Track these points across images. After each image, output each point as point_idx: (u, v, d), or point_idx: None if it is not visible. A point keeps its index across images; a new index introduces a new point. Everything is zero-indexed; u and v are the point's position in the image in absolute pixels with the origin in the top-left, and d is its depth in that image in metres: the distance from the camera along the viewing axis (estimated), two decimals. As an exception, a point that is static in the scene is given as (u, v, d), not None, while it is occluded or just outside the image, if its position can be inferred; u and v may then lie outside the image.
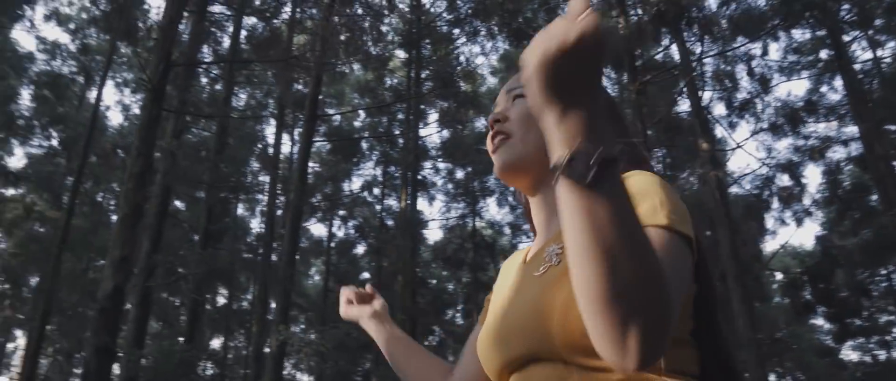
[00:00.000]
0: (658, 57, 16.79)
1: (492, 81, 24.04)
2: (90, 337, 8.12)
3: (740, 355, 11.40)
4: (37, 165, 20.50)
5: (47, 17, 20.83)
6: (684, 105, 16.16)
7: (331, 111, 24.80)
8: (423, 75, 20.30)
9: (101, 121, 22.18)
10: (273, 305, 13.22)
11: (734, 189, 18.56)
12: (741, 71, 17.71)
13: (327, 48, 12.28)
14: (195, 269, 12.51)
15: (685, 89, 14.17)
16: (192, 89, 16.98)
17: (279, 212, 17.70)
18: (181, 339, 14.30)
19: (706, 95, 16.93)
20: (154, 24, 10.80)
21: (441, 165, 25.09)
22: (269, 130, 24.25)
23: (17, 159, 24.65)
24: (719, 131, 18.91)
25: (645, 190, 0.87)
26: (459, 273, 23.83)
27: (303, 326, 28.51)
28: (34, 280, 19.74)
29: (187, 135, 18.24)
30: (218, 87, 18.69)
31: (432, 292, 22.12)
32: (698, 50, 14.79)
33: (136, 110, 22.28)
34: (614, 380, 0.82)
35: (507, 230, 23.72)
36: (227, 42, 17.69)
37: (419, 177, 21.56)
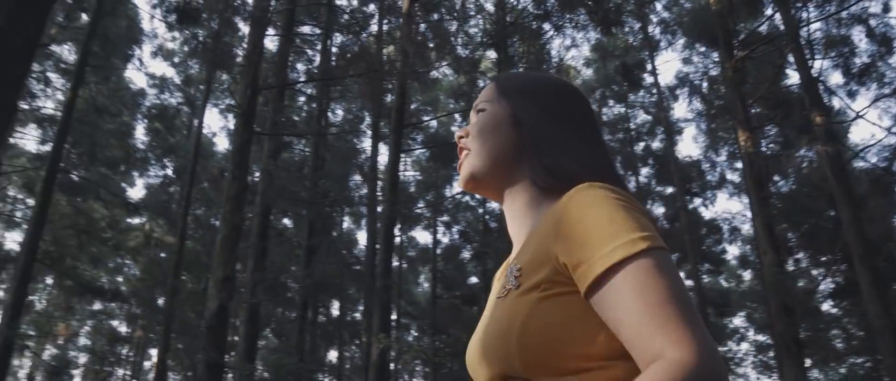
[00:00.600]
0: (762, 28, 16.06)
1: (587, 72, 23.78)
2: (201, 353, 8.72)
3: (876, 342, 10.73)
4: (154, 194, 22.10)
5: (154, 54, 22.36)
6: (795, 77, 15.41)
7: (426, 118, 25.22)
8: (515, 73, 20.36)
9: (207, 147, 23.61)
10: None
11: (858, 163, 17.45)
12: (859, 33, 16.63)
13: (410, 56, 12.56)
14: (300, 283, 13.09)
15: (792, 60, 13.48)
16: (285, 110, 17.81)
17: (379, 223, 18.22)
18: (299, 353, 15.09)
19: (817, 64, 16.05)
20: (241, 52, 11.44)
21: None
22: (369, 143, 25.02)
23: (137, 190, 26.58)
24: (836, 102, 17.85)
25: (599, 217, 0.88)
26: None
27: (415, 334, 29.10)
28: (161, 301, 21.30)
29: (286, 154, 19.16)
30: (314, 104, 19.51)
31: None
32: (806, 15, 14.00)
33: (240, 134, 23.51)
34: None
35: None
36: (320, 59, 18.49)
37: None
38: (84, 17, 19.53)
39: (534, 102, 1.09)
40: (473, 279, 27.49)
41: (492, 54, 21.54)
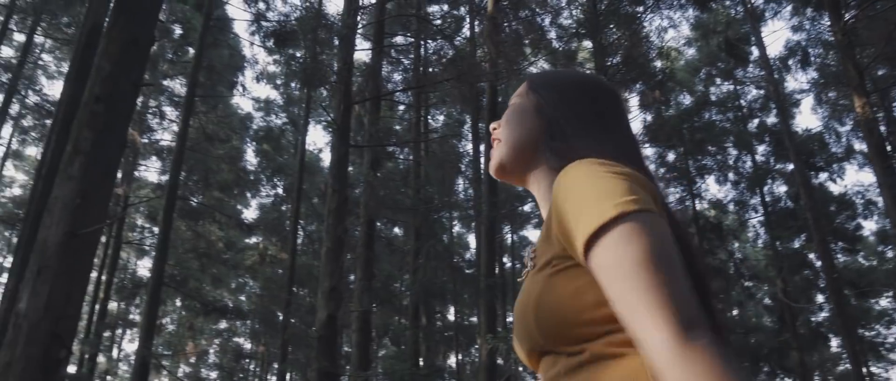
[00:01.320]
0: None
1: (690, 52, 23.11)
2: (314, 363, 9.23)
3: None
4: (266, 213, 23.32)
5: (257, 79, 23.61)
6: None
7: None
8: (613, 61, 20.09)
9: (314, 163, 24.65)
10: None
11: None
12: None
13: (498, 56, 12.73)
14: (409, 289, 13.50)
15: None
16: (381, 120, 18.37)
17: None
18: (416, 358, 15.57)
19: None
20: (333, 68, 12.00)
21: (649, 151, 24.52)
22: (472, 146, 25.30)
23: (252, 210, 28.11)
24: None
25: (575, 189, 0.94)
26: (687, 261, 22.96)
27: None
28: (280, 316, 22.46)
29: (390, 163, 19.75)
30: (415, 112, 19.99)
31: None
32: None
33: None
34: (584, 358, 0.93)
35: (733, 208, 22.47)
36: (415, 67, 18.93)
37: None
38: (191, 50, 20.93)
39: (556, 93, 1.18)
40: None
41: (588, 44, 21.37)
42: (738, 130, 20.03)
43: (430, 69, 18.65)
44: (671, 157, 22.96)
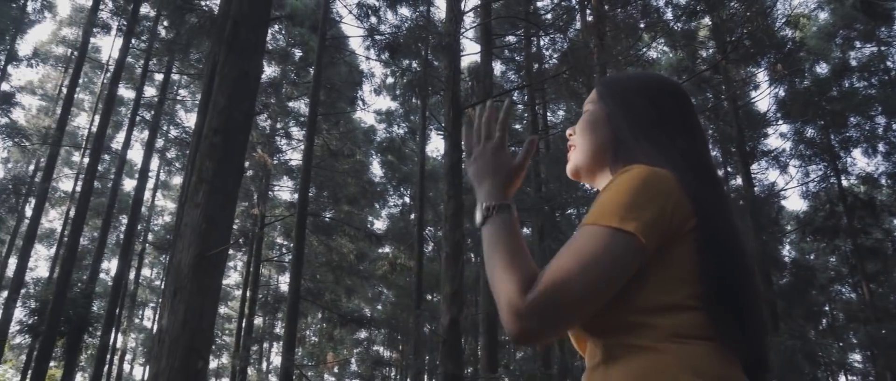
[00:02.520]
0: None
1: (823, 16, 21.83)
2: (440, 366, 9.64)
3: None
4: (395, 222, 24.19)
5: (376, 92, 24.53)
6: None
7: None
8: (735, 37, 19.36)
9: (437, 170, 25.28)
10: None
11: None
12: None
13: (604, 47, 12.69)
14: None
15: None
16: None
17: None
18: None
19: None
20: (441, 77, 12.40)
21: (785, 128, 23.39)
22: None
23: (382, 221, 29.21)
24: None
25: (604, 192, 1.12)
26: (837, 242, 21.66)
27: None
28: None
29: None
30: (532, 110, 20.14)
31: (800, 268, 20.45)
32: None
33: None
34: (615, 350, 1.07)
35: (886, 182, 20.97)
36: (528, 64, 19.09)
37: (755, 147, 20.41)
38: (311, 71, 22.12)
39: (620, 101, 1.31)
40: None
41: (707, 21, 20.69)
42: (885, 96, 18.71)
43: (545, 64, 18.75)
44: (810, 131, 21.78)
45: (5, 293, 22.69)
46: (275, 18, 22.09)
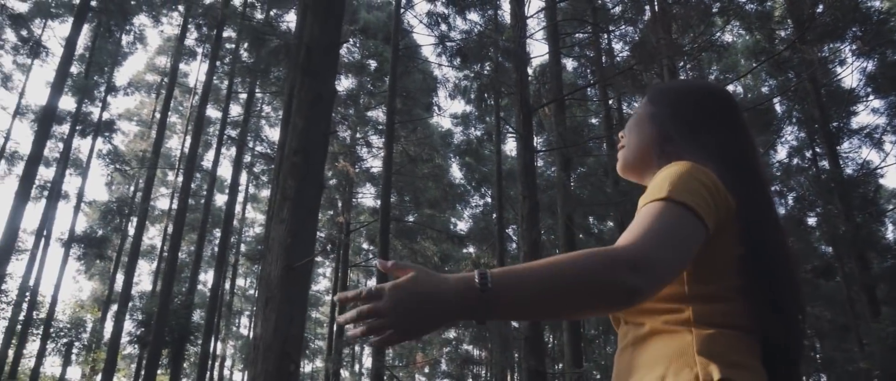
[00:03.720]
0: None
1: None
2: (523, 363, 9.88)
3: None
4: (477, 223, 24.52)
5: (451, 96, 24.92)
6: None
7: (730, 86, 24.28)
8: (814, 13, 18.76)
9: (515, 169, 25.47)
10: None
11: None
12: None
13: (668, 41, 12.64)
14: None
15: None
16: (575, 117, 18.68)
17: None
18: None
19: None
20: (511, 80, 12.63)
21: (877, 103, 22.42)
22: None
23: (464, 222, 29.59)
24: None
25: (656, 178, 1.19)
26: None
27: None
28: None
29: (592, 158, 19.99)
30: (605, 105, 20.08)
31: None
32: None
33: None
34: (643, 332, 1.17)
35: None
36: (600, 59, 19.05)
37: (843, 125, 19.71)
38: (386, 80, 22.71)
39: (668, 104, 1.40)
40: (825, 248, 25.36)
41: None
42: None
43: (616, 58, 18.67)
44: (905, 106, 20.83)
45: (114, 307, 24.24)
46: (349, 34, 22.82)
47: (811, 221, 25.64)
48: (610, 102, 19.31)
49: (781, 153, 25.50)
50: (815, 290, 23.77)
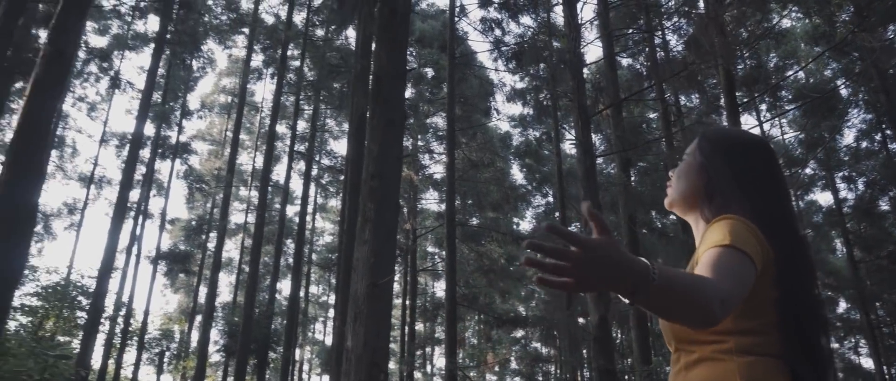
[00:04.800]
0: None
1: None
2: (592, 362, 10.21)
3: None
4: (541, 222, 24.79)
5: (508, 99, 25.24)
6: None
7: (790, 73, 23.93)
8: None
9: (575, 168, 25.62)
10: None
11: None
12: None
13: (729, 30, 12.70)
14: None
15: None
16: (634, 117, 18.77)
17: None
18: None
19: None
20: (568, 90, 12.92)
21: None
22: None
23: (527, 222, 29.84)
24: None
25: (717, 228, 1.37)
26: None
27: (844, 306, 27.18)
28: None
29: (652, 155, 20.03)
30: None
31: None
32: None
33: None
34: (693, 358, 1.36)
35: None
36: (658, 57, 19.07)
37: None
38: (444, 87, 23.20)
39: (716, 155, 1.56)
40: (906, 231, 24.70)
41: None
42: None
43: (671, 53, 18.65)
44: None
45: (199, 318, 25.43)
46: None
47: (883, 205, 25.04)
48: (666, 96, 19.35)
49: (849, 137, 24.99)
50: (890, 277, 23.21)
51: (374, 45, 9.74)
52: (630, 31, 19.55)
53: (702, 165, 1.57)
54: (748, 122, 24.32)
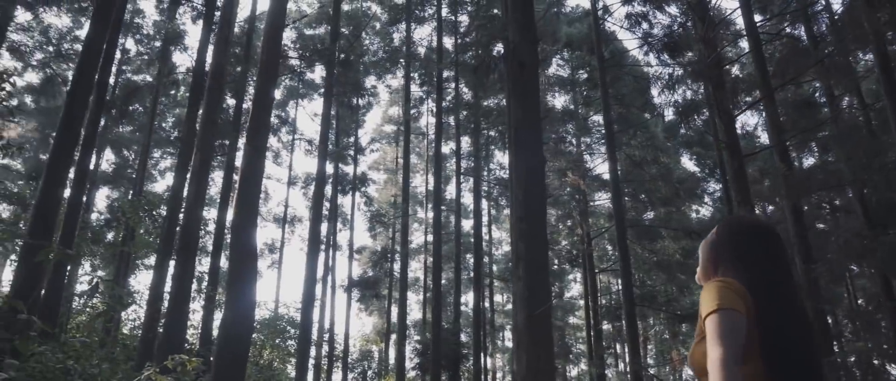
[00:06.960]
0: None
1: None
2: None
3: None
4: (718, 210, 24.82)
5: (667, 87, 25.42)
6: None
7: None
8: None
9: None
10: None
11: None
12: None
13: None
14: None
15: None
16: (778, 116, 18.57)
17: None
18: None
19: None
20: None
21: None
22: None
23: (706, 210, 29.64)
24: None
25: (704, 293, 1.81)
26: None
27: None
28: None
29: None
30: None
31: None
32: None
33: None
34: None
35: None
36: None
37: None
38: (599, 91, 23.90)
39: (724, 237, 2.05)
40: None
41: None
42: None
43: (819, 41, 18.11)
44: None
45: (393, 336, 27.90)
46: (552, 53, 24.36)
47: None
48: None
49: None
50: None
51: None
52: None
53: (714, 243, 2.08)
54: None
